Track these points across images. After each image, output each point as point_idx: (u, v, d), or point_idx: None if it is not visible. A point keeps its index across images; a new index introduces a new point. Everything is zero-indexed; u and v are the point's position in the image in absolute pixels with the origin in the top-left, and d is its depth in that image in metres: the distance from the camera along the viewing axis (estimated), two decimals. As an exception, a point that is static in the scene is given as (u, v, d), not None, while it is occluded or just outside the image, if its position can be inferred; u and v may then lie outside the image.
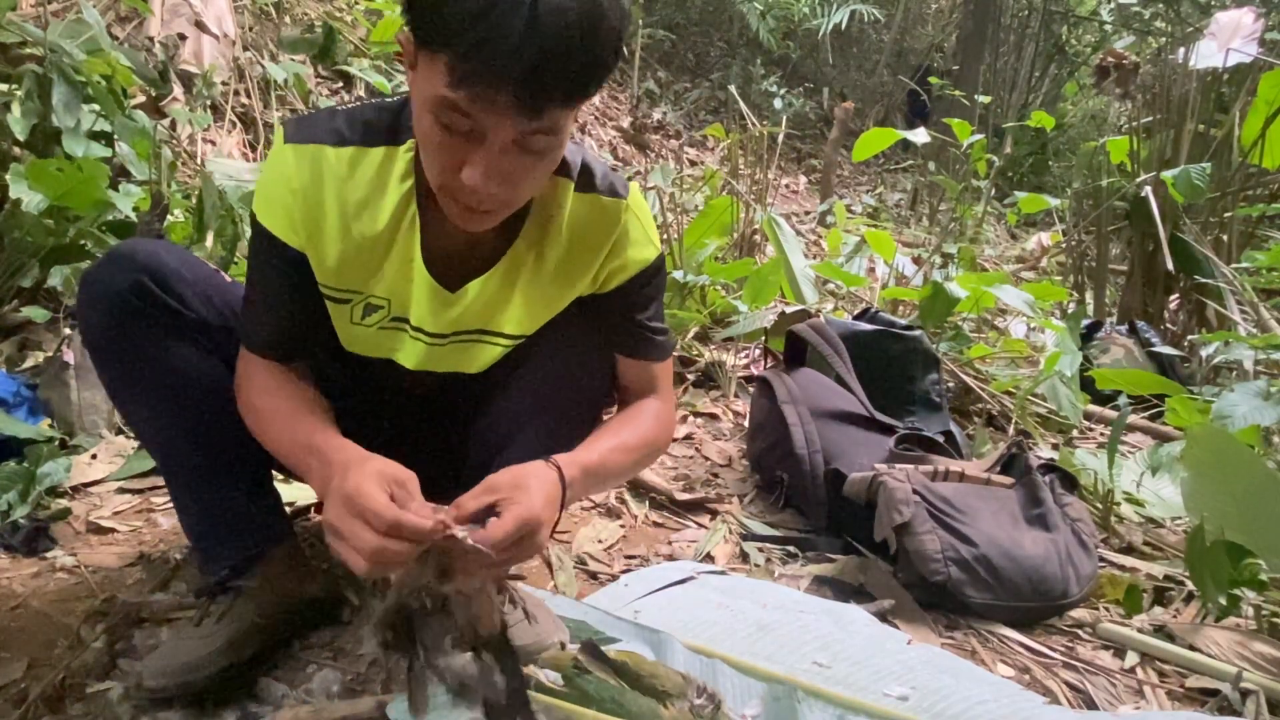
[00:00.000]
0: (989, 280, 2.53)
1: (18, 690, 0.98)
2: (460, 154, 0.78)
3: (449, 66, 0.72)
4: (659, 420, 1.09)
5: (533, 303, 0.99)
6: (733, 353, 2.64)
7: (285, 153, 0.89)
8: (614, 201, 0.97)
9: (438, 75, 0.73)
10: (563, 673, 1.02)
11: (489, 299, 0.97)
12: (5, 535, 1.29)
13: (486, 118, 0.75)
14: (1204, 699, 1.19)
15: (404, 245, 0.93)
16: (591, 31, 0.72)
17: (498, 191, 0.79)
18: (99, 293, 0.94)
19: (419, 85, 0.77)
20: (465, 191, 0.80)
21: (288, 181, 0.89)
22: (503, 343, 1.02)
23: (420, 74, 0.77)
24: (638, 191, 1.02)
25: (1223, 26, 3.18)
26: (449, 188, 0.81)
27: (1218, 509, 1.35)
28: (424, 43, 0.74)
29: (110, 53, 2.18)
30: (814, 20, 8.59)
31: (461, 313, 0.97)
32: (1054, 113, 8.05)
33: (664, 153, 6.33)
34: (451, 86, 0.72)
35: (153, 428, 1.03)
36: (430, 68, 0.74)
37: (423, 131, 0.80)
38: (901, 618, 1.32)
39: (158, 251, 0.97)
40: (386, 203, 0.90)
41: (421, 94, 0.77)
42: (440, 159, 0.79)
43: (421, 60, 0.76)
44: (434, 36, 0.72)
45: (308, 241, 0.91)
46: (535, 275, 0.98)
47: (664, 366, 1.11)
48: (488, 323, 1.00)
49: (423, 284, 0.95)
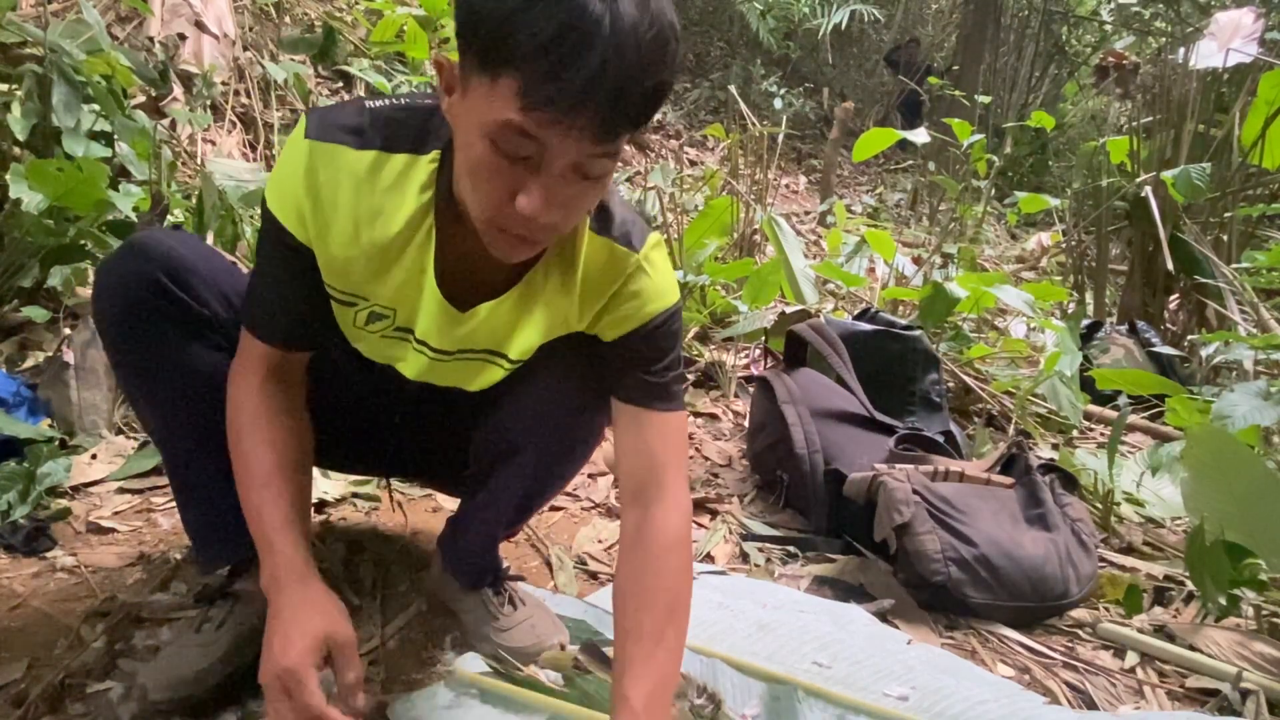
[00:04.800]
0: (989, 280, 2.53)
1: (18, 690, 0.98)
2: (515, 182, 0.75)
3: (522, 89, 0.68)
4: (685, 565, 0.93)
5: (540, 331, 0.97)
6: (733, 353, 2.64)
7: (304, 147, 0.86)
8: (624, 252, 0.93)
9: (503, 99, 0.69)
10: (563, 673, 1.02)
11: (499, 323, 0.95)
12: (5, 535, 1.29)
13: (556, 141, 0.72)
14: (1204, 699, 1.19)
15: (416, 257, 0.91)
16: (663, 53, 0.70)
17: (553, 219, 0.77)
18: (115, 284, 0.94)
19: (472, 110, 0.74)
20: (517, 221, 0.77)
21: (302, 177, 0.86)
22: (506, 365, 1.00)
23: (474, 99, 0.73)
24: (657, 244, 0.96)
25: (1223, 26, 3.19)
26: (499, 218, 0.78)
27: (1218, 509, 1.35)
28: (486, 65, 0.70)
29: (110, 53, 2.18)
30: (814, 20, 8.59)
31: (470, 333, 0.95)
32: (1054, 113, 8.05)
33: (664, 153, 6.33)
34: (524, 110, 0.69)
35: (159, 420, 1.02)
36: (491, 91, 0.70)
37: (474, 158, 0.76)
38: (901, 618, 1.32)
39: (175, 245, 0.96)
40: (402, 212, 0.88)
41: (476, 119, 0.73)
42: (494, 187, 0.76)
43: (477, 84, 0.72)
44: (501, 60, 0.69)
45: (315, 239, 0.90)
46: (547, 305, 0.95)
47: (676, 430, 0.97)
48: (498, 345, 0.97)
49: (432, 299, 0.92)
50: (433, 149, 0.87)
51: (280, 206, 0.90)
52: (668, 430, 0.95)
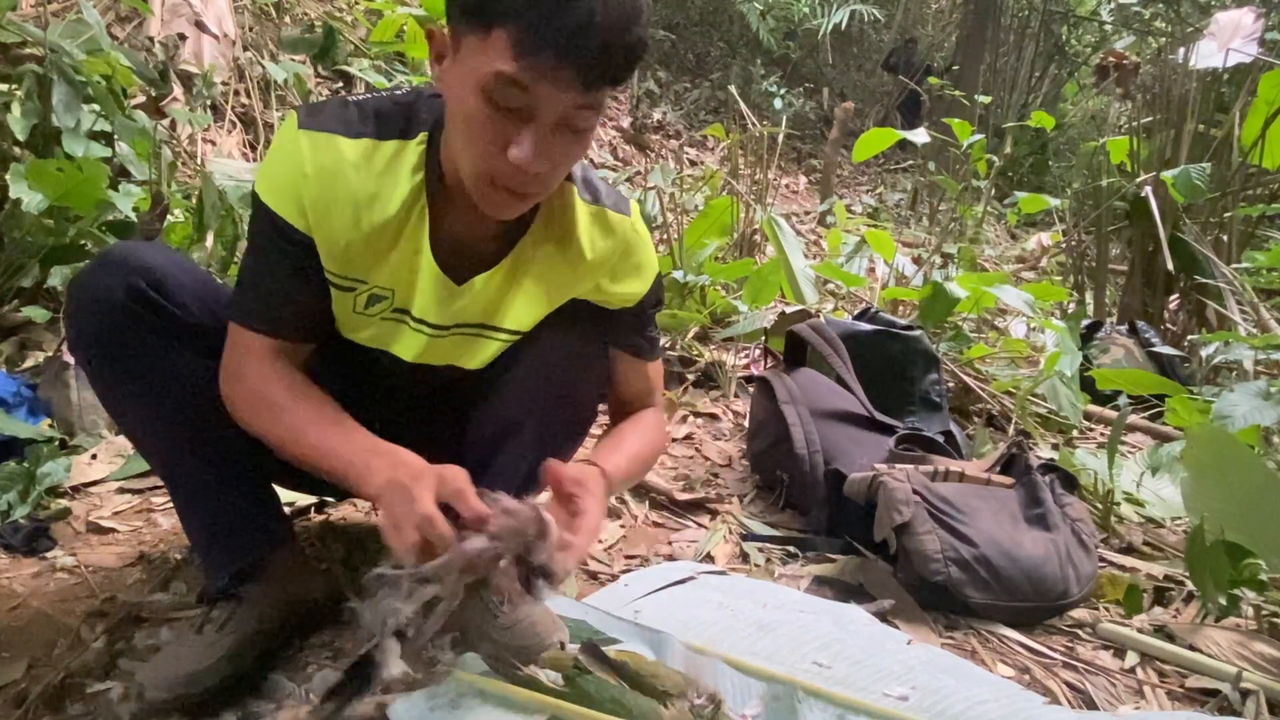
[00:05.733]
0: (989, 280, 2.53)
1: (18, 690, 0.98)
2: (507, 133, 0.80)
3: (514, 39, 0.74)
4: (659, 431, 1.16)
5: (534, 300, 1.01)
6: (733, 353, 2.64)
7: (299, 138, 0.88)
8: (621, 218, 1.02)
9: (495, 51, 0.75)
10: (563, 673, 1.02)
11: (493, 294, 0.99)
12: (5, 535, 1.29)
13: (545, 91, 0.77)
14: (1204, 699, 1.19)
15: (412, 236, 0.94)
16: (639, 13, 0.77)
17: (542, 171, 0.82)
18: (92, 298, 0.92)
19: (464, 67, 0.79)
20: (507, 173, 0.82)
21: (300, 166, 0.88)
22: (502, 338, 1.03)
23: (466, 56, 0.79)
24: (636, 208, 1.06)
25: (1223, 26, 3.19)
26: (489, 172, 0.83)
27: (1218, 509, 1.35)
28: (479, 18, 0.76)
29: (110, 53, 2.18)
30: (814, 20, 8.60)
31: (465, 305, 0.98)
32: (1054, 113, 8.06)
33: (664, 153, 6.34)
34: (515, 59, 0.75)
35: (151, 435, 1.01)
36: (483, 45, 0.76)
37: (468, 113, 0.81)
38: (901, 618, 1.32)
39: (150, 254, 0.96)
40: (397, 194, 0.91)
41: (469, 74, 0.78)
42: (485, 139, 0.81)
43: (470, 42, 0.78)
44: (492, 14, 0.75)
45: (315, 227, 0.91)
46: (539, 274, 0.99)
47: (658, 370, 1.17)
48: (490, 317, 1.01)
49: (429, 275, 0.95)
50: (418, 133, 0.92)
51: (278, 199, 0.90)
52: (654, 371, 1.16)
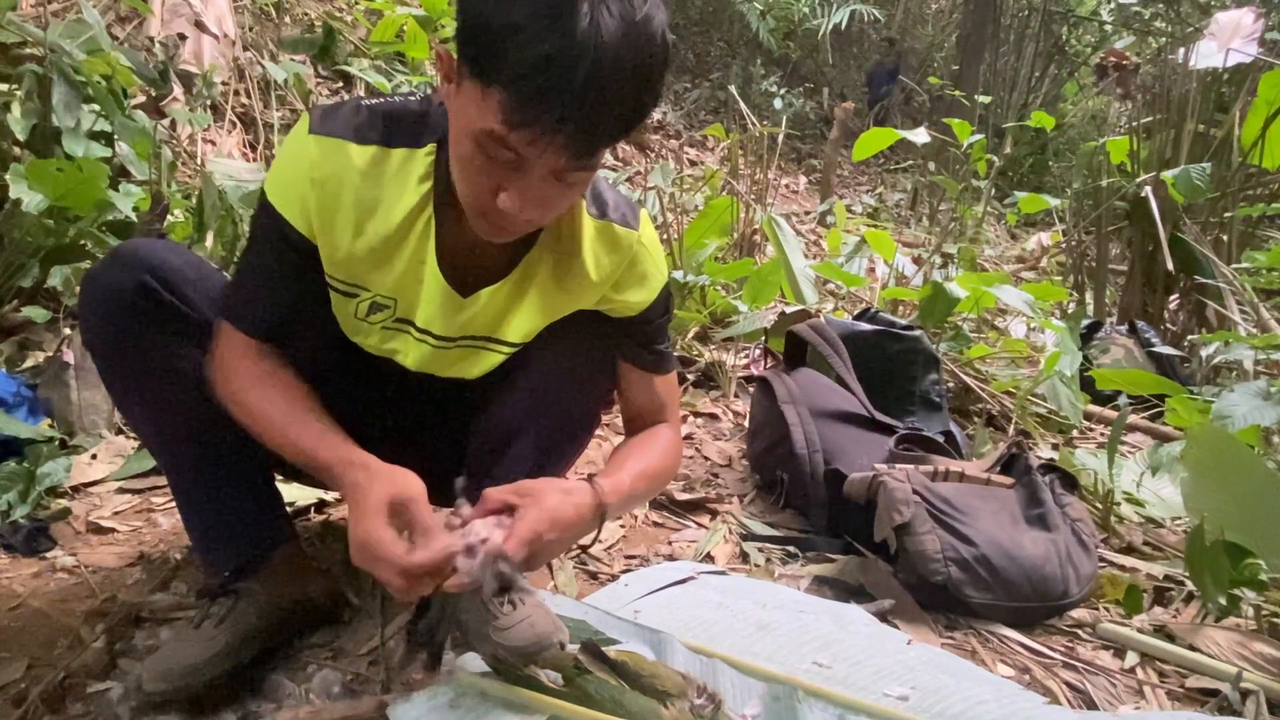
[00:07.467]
0: (989, 280, 2.53)
1: (18, 690, 0.98)
2: (497, 179, 0.79)
3: (505, 105, 0.72)
4: (670, 448, 1.11)
5: (537, 314, 1.00)
6: (733, 353, 2.64)
7: (309, 142, 0.89)
8: (627, 232, 0.99)
9: (489, 109, 0.74)
10: (563, 673, 1.02)
11: (499, 307, 0.98)
12: (5, 535, 1.29)
13: (535, 156, 0.76)
14: (1204, 699, 1.19)
15: (417, 246, 0.93)
16: (646, 79, 0.74)
17: (531, 216, 0.82)
18: (102, 293, 0.94)
19: (462, 109, 0.78)
20: (497, 214, 0.82)
21: (308, 170, 0.89)
22: (504, 350, 1.02)
23: (465, 99, 0.77)
24: (647, 219, 1.03)
25: (1223, 26, 3.19)
26: (481, 208, 0.83)
27: (1218, 509, 1.35)
28: (478, 75, 0.74)
29: (110, 53, 2.18)
30: (814, 20, 8.60)
31: (471, 318, 0.98)
32: (1054, 113, 8.06)
33: (664, 153, 6.34)
34: (505, 124, 0.73)
35: (156, 429, 1.02)
36: (480, 99, 0.74)
37: (461, 154, 0.81)
38: (901, 618, 1.32)
39: (161, 251, 0.97)
40: (403, 203, 0.91)
41: (466, 120, 0.78)
42: (477, 183, 0.81)
43: (469, 88, 0.76)
44: (491, 73, 0.72)
45: (319, 231, 0.92)
46: (545, 287, 0.99)
47: (669, 385, 1.12)
48: (494, 330, 1.00)
49: (434, 286, 0.95)
50: (428, 142, 0.91)
51: (284, 200, 0.91)
52: (668, 384, 1.12)
